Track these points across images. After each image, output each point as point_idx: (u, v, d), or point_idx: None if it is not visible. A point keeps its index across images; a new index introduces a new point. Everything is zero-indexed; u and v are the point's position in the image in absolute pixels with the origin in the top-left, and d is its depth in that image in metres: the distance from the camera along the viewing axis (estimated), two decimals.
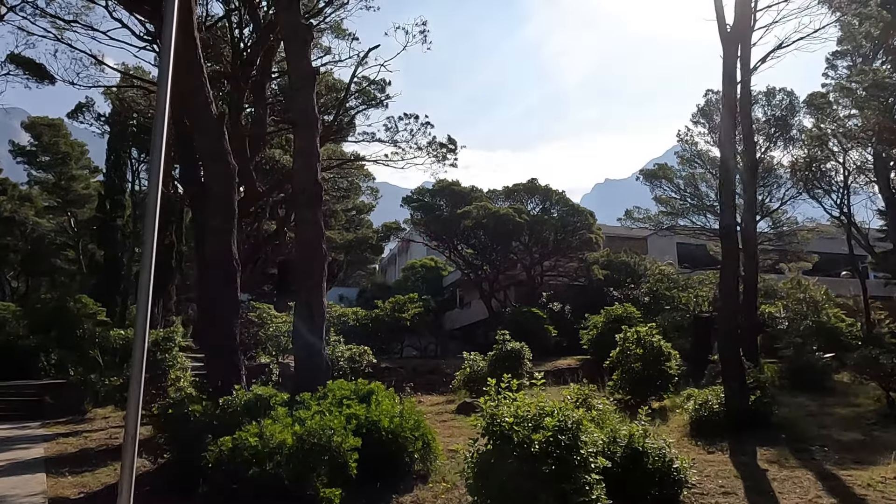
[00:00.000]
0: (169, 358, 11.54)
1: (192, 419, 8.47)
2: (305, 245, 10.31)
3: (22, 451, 11.15)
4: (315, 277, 10.27)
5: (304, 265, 10.26)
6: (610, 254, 36.29)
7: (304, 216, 10.33)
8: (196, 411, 8.53)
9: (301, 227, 10.35)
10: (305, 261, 10.26)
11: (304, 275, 10.27)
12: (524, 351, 19.48)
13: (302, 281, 10.27)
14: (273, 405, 9.08)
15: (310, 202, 10.30)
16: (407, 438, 9.21)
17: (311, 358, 10.08)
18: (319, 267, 10.37)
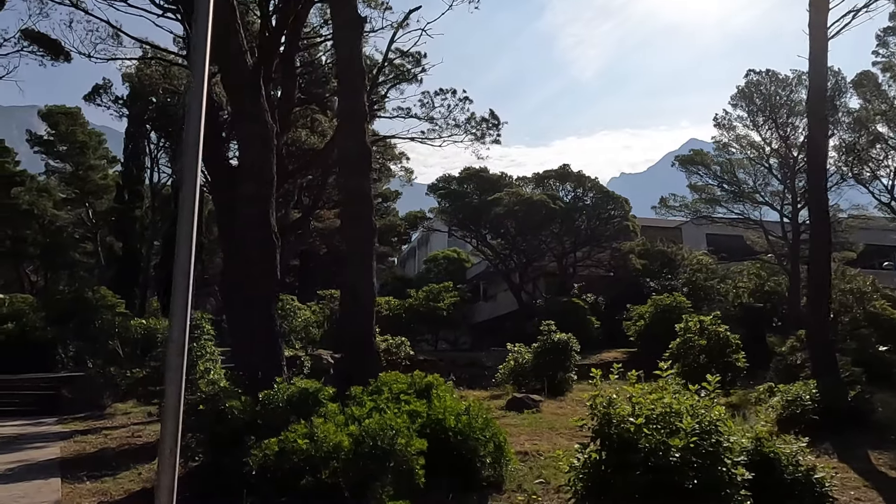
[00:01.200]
0: (197, 347, 10.29)
1: (229, 417, 7.19)
2: (353, 219, 9.00)
3: (36, 451, 9.97)
4: (364, 256, 8.96)
5: (351, 242, 8.96)
6: (645, 243, 34.70)
7: (351, 185, 9.02)
8: (234, 408, 7.25)
9: (348, 199, 9.04)
10: (353, 237, 8.95)
11: (351, 253, 8.95)
12: (572, 343, 18.08)
13: (349, 260, 8.95)
14: (321, 400, 7.78)
15: (358, 169, 8.99)
16: (477, 440, 7.88)
17: (360, 347, 8.78)
18: (369, 244, 9.06)
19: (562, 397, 16.45)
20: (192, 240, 3.30)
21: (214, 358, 10.60)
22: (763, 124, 36.07)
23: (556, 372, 17.60)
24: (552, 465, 9.03)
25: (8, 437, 11.31)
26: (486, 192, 33.73)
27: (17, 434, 11.64)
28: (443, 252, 48.66)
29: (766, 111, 35.80)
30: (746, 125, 38.25)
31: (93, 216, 42.43)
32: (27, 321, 21.27)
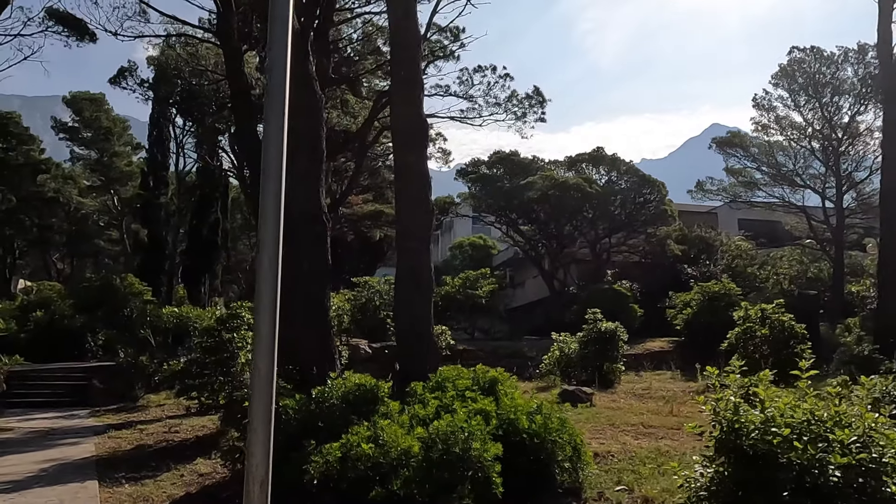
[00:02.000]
0: (238, 338, 9.58)
1: (283, 417, 6.44)
2: (409, 198, 8.18)
3: (70, 448, 9.37)
4: (421, 236, 8.15)
5: (407, 221, 8.15)
6: (682, 228, 33.50)
7: (406, 161, 8.19)
8: (288, 407, 6.50)
9: (403, 176, 8.21)
10: (409, 216, 8.13)
11: (406, 233, 8.16)
12: (619, 332, 17.18)
13: (404, 240, 8.16)
14: (382, 398, 7.01)
15: (413, 143, 8.16)
16: (554, 442, 7.05)
17: (417, 336, 8.01)
18: (426, 223, 8.26)
19: (612, 389, 15.61)
20: (278, 235, 2.69)
21: None
22: (805, 104, 34.61)
23: (603, 362, 16.78)
24: (628, 468, 8.22)
25: (40, 432, 10.75)
26: (517, 176, 32.75)
27: (49, 428, 11.08)
28: (468, 239, 47.87)
29: (808, 90, 34.31)
30: (787, 105, 36.72)
31: (118, 203, 42.22)
32: (55, 309, 20.88)
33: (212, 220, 35.79)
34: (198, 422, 10.99)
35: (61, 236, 48.13)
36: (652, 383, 16.27)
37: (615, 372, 16.89)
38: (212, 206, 36.04)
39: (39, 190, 41.84)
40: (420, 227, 8.16)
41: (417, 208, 8.13)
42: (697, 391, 14.98)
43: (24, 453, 8.97)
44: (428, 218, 8.22)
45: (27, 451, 9.19)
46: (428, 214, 8.23)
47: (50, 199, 42.73)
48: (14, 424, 11.37)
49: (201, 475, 7.69)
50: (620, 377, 16.93)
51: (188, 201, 37.35)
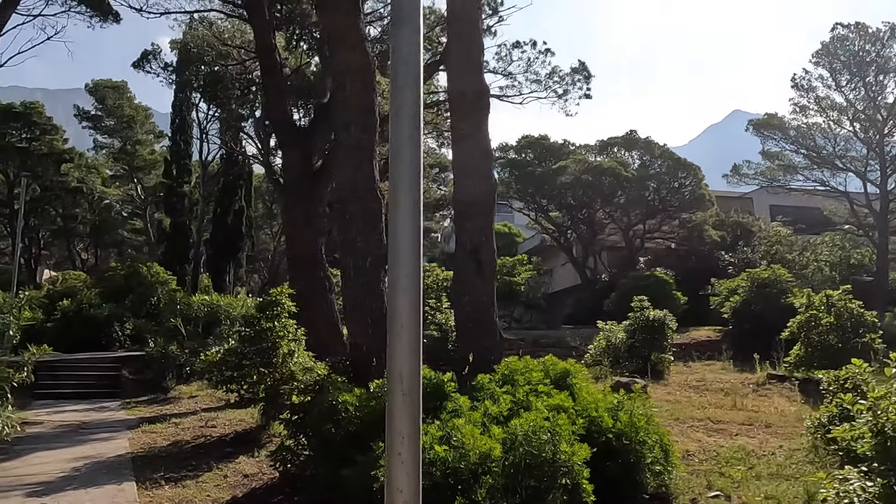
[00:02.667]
0: (278, 327, 8.88)
1: (343, 415, 5.72)
2: (469, 171, 7.40)
3: (102, 444, 8.78)
4: (483, 213, 7.37)
5: (467, 197, 7.36)
6: (718, 213, 32.35)
7: (465, 128, 7.40)
8: (348, 404, 5.77)
9: (462, 145, 7.42)
10: (469, 191, 7.35)
11: (466, 210, 7.38)
12: (667, 320, 16.27)
13: (464, 219, 7.39)
14: (448, 393, 6.26)
15: (473, 109, 7.37)
16: (643, 443, 6.27)
17: (479, 324, 7.24)
18: (489, 198, 7.47)
19: (664, 381, 14.75)
20: (418, 221, 2.35)
21: (298, 338, 9.18)
22: (847, 84, 33.23)
23: (651, 352, 15.94)
24: (715, 470, 7.42)
25: (71, 426, 10.20)
26: (546, 160, 31.82)
27: (80, 421, 10.53)
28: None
29: (851, 69, 32.88)
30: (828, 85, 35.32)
31: (141, 192, 41.96)
32: (82, 298, 20.46)
33: (236, 207, 35.32)
34: (234, 415, 10.37)
35: (85, 227, 48.15)
36: (705, 374, 15.39)
37: (664, 362, 16.03)
38: (235, 194, 35.58)
39: (63, 180, 41.75)
40: (482, 203, 7.37)
41: (479, 182, 7.34)
42: (757, 383, 14.12)
43: (54, 449, 8.39)
44: (490, 193, 7.43)
45: (58, 446, 8.61)
46: (490, 189, 7.43)
47: (74, 189, 42.64)
48: (43, 417, 10.84)
49: (246, 476, 7.03)
50: (670, 368, 16.07)
51: (212, 189, 36.92)
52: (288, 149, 13.95)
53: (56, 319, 19.39)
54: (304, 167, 13.87)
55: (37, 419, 10.54)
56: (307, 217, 13.70)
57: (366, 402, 5.87)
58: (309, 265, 13.73)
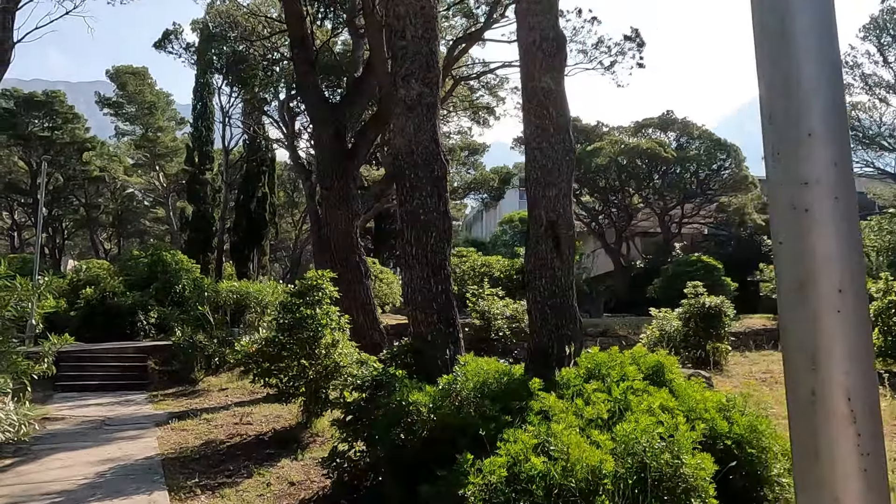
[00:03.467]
0: (320, 314, 7.97)
1: (415, 417, 4.77)
2: (546, 133, 6.38)
3: (129, 443, 7.96)
4: (561, 181, 6.36)
5: (542, 163, 6.34)
6: (761, 196, 30.90)
7: (539, 86, 6.37)
8: (420, 404, 4.82)
9: (536, 106, 6.39)
10: (546, 155, 6.33)
11: (542, 178, 6.36)
12: (725, 307, 15.16)
13: (539, 188, 6.38)
14: (533, 390, 5.29)
15: (550, 59, 6.33)
16: (766, 450, 5.25)
17: (558, 310, 6.25)
18: (568, 165, 6.45)
19: (726, 372, 13.68)
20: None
21: (342, 326, 8.27)
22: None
23: (707, 342, 14.88)
24: None
25: (95, 422, 9.41)
26: (578, 142, 30.59)
27: (104, 417, 9.75)
28: (517, 213, 45.92)
29: None
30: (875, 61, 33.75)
31: (163, 180, 41.47)
32: (105, 286, 19.81)
33: (259, 194, 34.61)
34: (270, 410, 9.53)
35: (108, 216, 48.00)
36: (769, 366, 14.25)
37: (721, 352, 14.95)
38: (259, 181, 34.85)
39: (85, 169, 41.50)
40: (559, 171, 6.35)
41: (557, 145, 6.32)
42: None
43: (77, 450, 7.59)
44: (570, 158, 6.40)
45: (81, 446, 7.81)
46: (570, 153, 6.40)
47: (96, 178, 42.39)
48: (66, 412, 10.08)
49: (293, 484, 6.13)
50: (727, 358, 14.99)
51: (234, 176, 36.25)
52: (320, 125, 13.01)
53: (79, 308, 18.77)
54: (337, 144, 12.94)
55: (58, 414, 9.78)
56: (341, 197, 12.78)
57: (441, 403, 4.92)
58: (343, 248, 12.83)
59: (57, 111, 39.94)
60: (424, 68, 6.51)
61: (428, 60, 6.53)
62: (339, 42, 22.74)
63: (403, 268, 6.57)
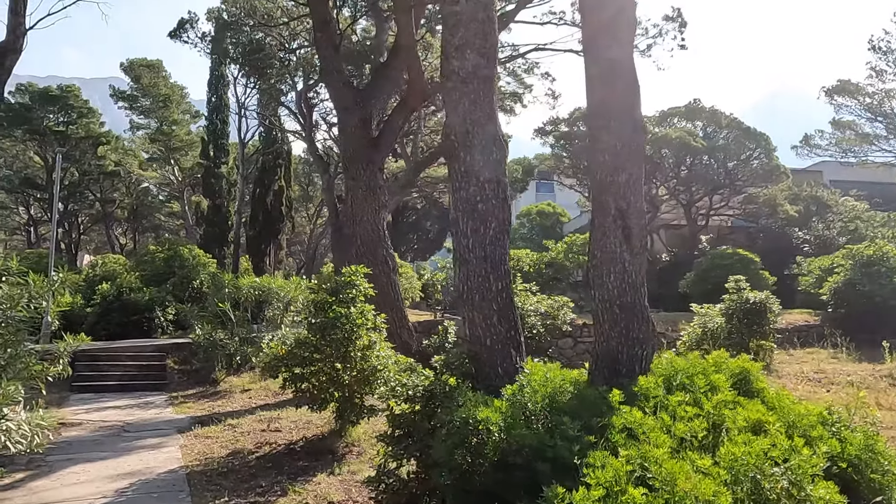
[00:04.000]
0: (354, 313, 7.32)
1: (485, 438, 4.08)
2: (613, 110, 5.66)
3: (151, 453, 7.36)
4: (630, 165, 5.64)
5: (610, 145, 5.62)
6: (791, 186, 29.90)
7: (604, 53, 5.65)
8: (490, 422, 4.13)
9: (602, 80, 5.67)
10: (614, 135, 5.61)
11: (608, 162, 5.64)
12: (770, 303, 14.37)
13: (605, 173, 5.65)
14: (612, 403, 4.60)
15: (616, 22, 5.61)
16: (888, 474, 4.52)
17: (628, 309, 5.57)
18: (638, 146, 5.73)
19: (775, 372, 12.89)
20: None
21: (378, 327, 7.62)
22: None
23: (750, 339, 14.12)
24: None
25: (113, 427, 8.84)
26: None
27: (123, 422, 9.18)
28: (537, 206, 45.18)
29: None
30: None
31: (178, 174, 41.07)
32: (122, 281, 19.33)
33: (275, 188, 34.08)
34: (298, 415, 8.92)
35: (123, 211, 47.75)
36: (820, 365, 13.47)
37: (766, 350, 14.17)
38: (275, 174, 34.34)
39: (100, 163, 41.20)
40: (629, 153, 5.63)
41: (625, 125, 5.59)
42: (892, 375, 12.19)
43: (94, 461, 7.00)
44: (640, 139, 5.68)
45: (98, 457, 7.22)
46: (639, 133, 5.68)
47: (111, 173, 42.08)
48: (82, 416, 9.53)
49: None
50: (773, 356, 14.20)
51: (250, 169, 35.74)
52: (345, 113, 12.35)
53: (95, 304, 18.29)
54: (363, 133, 12.28)
55: (74, 419, 9.22)
56: (368, 188, 12.13)
57: (513, 419, 4.23)
58: (370, 242, 12.19)
59: (72, 105, 39.62)
60: (481, 36, 5.80)
61: (485, 28, 5.82)
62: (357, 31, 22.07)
63: (457, 263, 5.87)
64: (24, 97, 39.75)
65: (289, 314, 13.43)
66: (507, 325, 5.69)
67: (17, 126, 38.58)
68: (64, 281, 9.41)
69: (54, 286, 8.73)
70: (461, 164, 5.81)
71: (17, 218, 48.46)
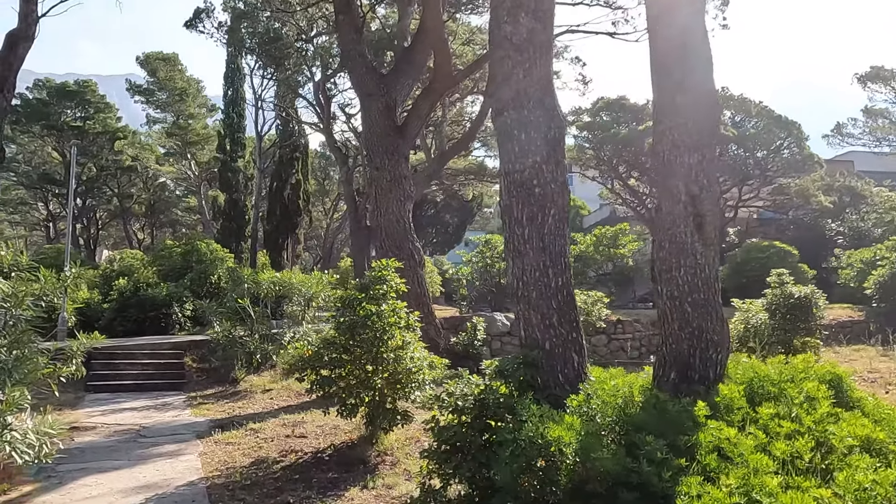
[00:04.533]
0: (386, 310, 6.74)
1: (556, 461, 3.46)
2: (678, 83, 4.98)
3: (168, 462, 6.84)
4: (703, 145, 4.99)
5: (680, 120, 4.97)
6: (823, 177, 28.89)
7: (679, 19, 4.99)
8: (563, 444, 3.51)
9: (665, 46, 5.01)
10: (682, 112, 4.95)
11: (678, 141, 4.99)
12: (815, 297, 13.63)
13: (674, 154, 5.00)
14: (699, 419, 3.96)
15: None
16: None
17: (700, 307, 4.93)
18: (712, 122, 5.08)
19: None
20: None
21: (412, 325, 7.02)
22: None
23: (795, 335, 13.41)
24: None
25: (129, 432, 8.35)
26: (624, 123, 28.86)
27: (139, 426, 8.68)
28: None
29: None
30: None
31: (195, 168, 40.82)
32: (139, 277, 18.94)
33: (293, 181, 33.63)
34: (324, 419, 8.34)
35: (140, 206, 47.68)
36: (871, 363, 12.70)
37: (811, 347, 13.42)
38: (292, 167, 33.87)
39: (117, 158, 41.09)
40: (702, 131, 4.97)
41: (700, 98, 4.93)
42: None
43: (108, 472, 6.49)
44: (714, 115, 5.02)
45: (113, 466, 6.72)
46: (713, 109, 5.02)
47: (128, 168, 41.97)
48: (97, 419, 9.06)
49: None
50: (819, 355, 13.45)
51: (267, 163, 35.33)
52: (368, 99, 11.76)
53: (112, 300, 17.92)
54: (387, 120, 11.69)
55: (88, 422, 8.75)
56: (393, 178, 11.55)
57: (590, 441, 3.60)
58: (395, 234, 11.61)
59: (89, 101, 39.48)
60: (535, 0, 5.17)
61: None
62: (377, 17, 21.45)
63: (510, 255, 5.25)
64: (41, 93, 39.66)
65: (310, 310, 12.88)
66: (569, 326, 5.06)
67: (34, 122, 38.50)
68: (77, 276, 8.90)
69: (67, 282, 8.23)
70: (515, 143, 5.18)
71: (36, 214, 48.58)
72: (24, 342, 6.47)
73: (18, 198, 46.41)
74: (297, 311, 12.96)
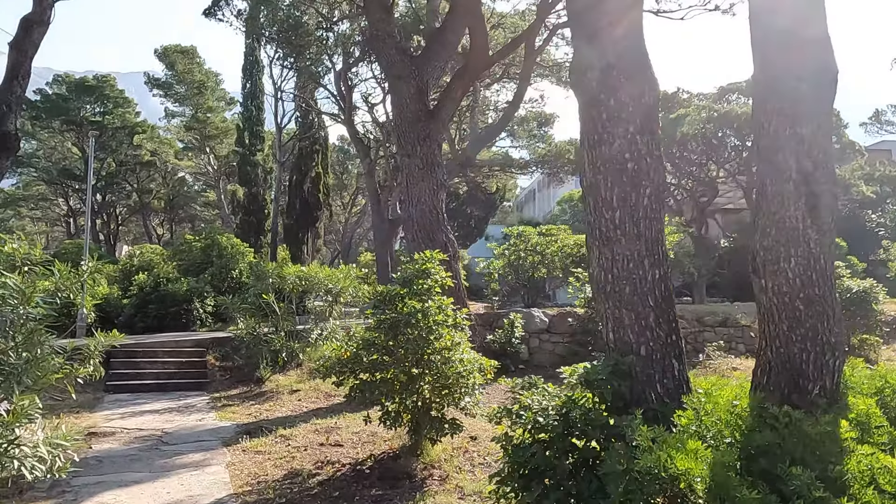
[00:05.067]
0: (432, 307, 6.06)
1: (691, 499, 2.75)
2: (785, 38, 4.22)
3: (193, 476, 6.22)
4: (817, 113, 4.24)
5: (786, 85, 4.21)
6: (863, 165, 27.70)
7: None
8: (694, 478, 2.80)
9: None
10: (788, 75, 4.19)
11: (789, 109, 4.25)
12: (875, 292, 12.77)
13: (781, 122, 4.25)
14: (848, 444, 3.21)
15: None
16: None
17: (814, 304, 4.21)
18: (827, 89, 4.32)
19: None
20: None
21: (460, 324, 6.34)
22: None
23: (853, 333, 12.58)
24: None
25: (150, 438, 7.76)
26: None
27: (161, 431, 8.10)
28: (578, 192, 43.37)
29: None
30: None
31: (213, 162, 40.46)
32: (159, 272, 18.46)
33: (312, 175, 33.08)
34: (358, 424, 7.71)
35: (159, 201, 47.55)
36: None
37: (870, 345, 12.59)
38: (312, 160, 33.31)
39: (136, 153, 40.93)
40: (815, 97, 4.21)
41: (809, 62, 4.17)
42: None
43: (127, 486, 5.88)
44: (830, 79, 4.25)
45: (133, 480, 6.11)
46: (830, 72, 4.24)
47: (147, 163, 41.80)
48: (117, 423, 8.49)
49: None
50: (879, 353, 12.60)
51: (286, 156, 34.81)
52: (398, 81, 11.07)
53: (132, 295, 17.46)
54: (419, 104, 11.00)
55: (107, 427, 8.18)
56: (425, 164, 10.86)
57: (725, 473, 2.88)
58: (428, 225, 10.93)
59: (108, 96, 39.33)
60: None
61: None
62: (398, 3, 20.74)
63: (596, 243, 4.53)
64: (60, 88, 39.56)
65: (337, 306, 12.26)
66: (668, 327, 4.34)
67: (54, 117, 38.41)
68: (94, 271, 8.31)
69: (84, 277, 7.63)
70: (602, 108, 4.45)
71: (56, 209, 48.67)
72: (34, 343, 5.90)
73: (39, 193, 46.51)
74: (324, 306, 12.33)
